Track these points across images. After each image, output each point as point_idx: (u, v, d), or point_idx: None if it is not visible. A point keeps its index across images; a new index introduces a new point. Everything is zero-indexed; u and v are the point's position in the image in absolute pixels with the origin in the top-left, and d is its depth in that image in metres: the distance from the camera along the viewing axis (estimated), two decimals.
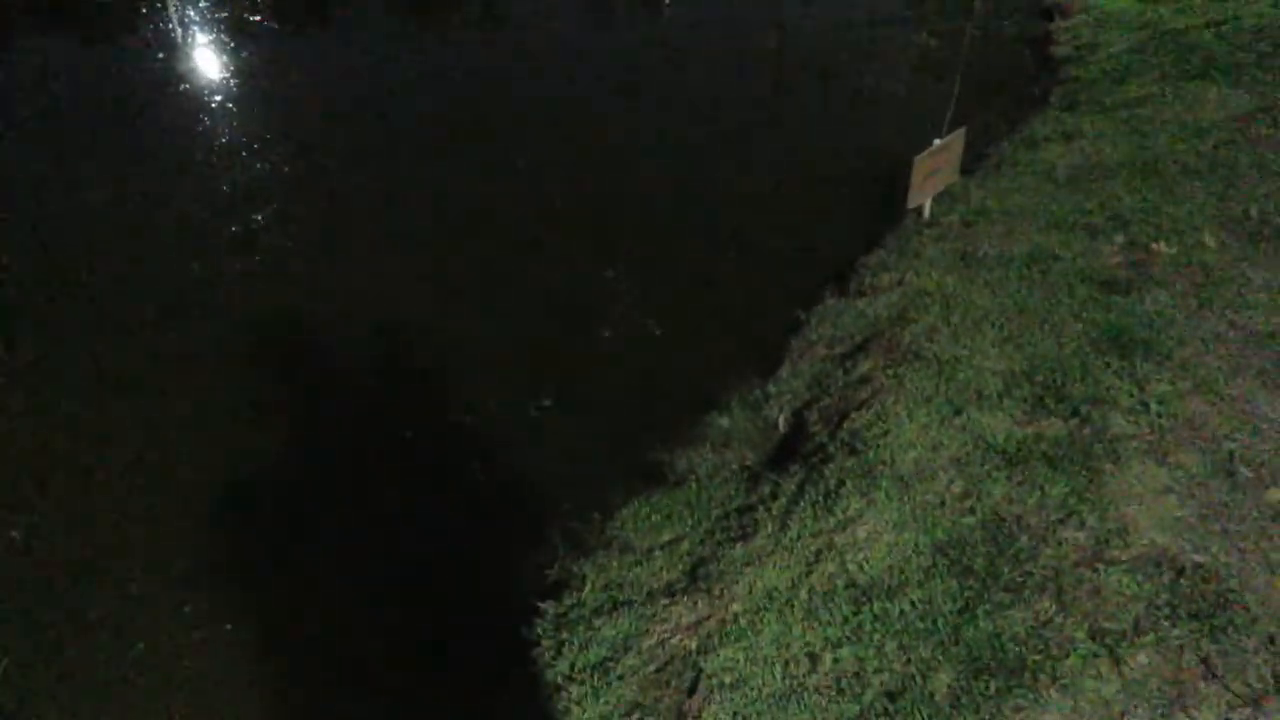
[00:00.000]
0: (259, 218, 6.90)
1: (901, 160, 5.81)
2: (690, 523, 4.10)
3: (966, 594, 3.19)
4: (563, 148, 8.00)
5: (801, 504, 3.80)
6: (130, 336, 5.67)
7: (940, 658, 3.01)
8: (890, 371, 4.49)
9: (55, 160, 7.72)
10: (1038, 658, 2.94)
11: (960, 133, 6.05)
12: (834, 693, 2.98)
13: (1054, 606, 3.09)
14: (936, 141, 5.88)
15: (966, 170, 6.65)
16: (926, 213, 6.24)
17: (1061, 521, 3.39)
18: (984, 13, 10.59)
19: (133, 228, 6.78)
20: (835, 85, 9.14)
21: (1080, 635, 2.98)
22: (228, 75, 9.52)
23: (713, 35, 10.68)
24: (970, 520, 3.47)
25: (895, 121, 8.16)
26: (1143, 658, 2.89)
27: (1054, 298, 4.75)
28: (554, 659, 3.50)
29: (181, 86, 9.18)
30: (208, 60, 9.90)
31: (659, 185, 7.37)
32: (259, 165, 7.64)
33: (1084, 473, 3.56)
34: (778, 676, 3.08)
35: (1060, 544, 3.30)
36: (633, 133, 8.23)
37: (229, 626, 3.94)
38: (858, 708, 2.92)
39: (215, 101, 8.80)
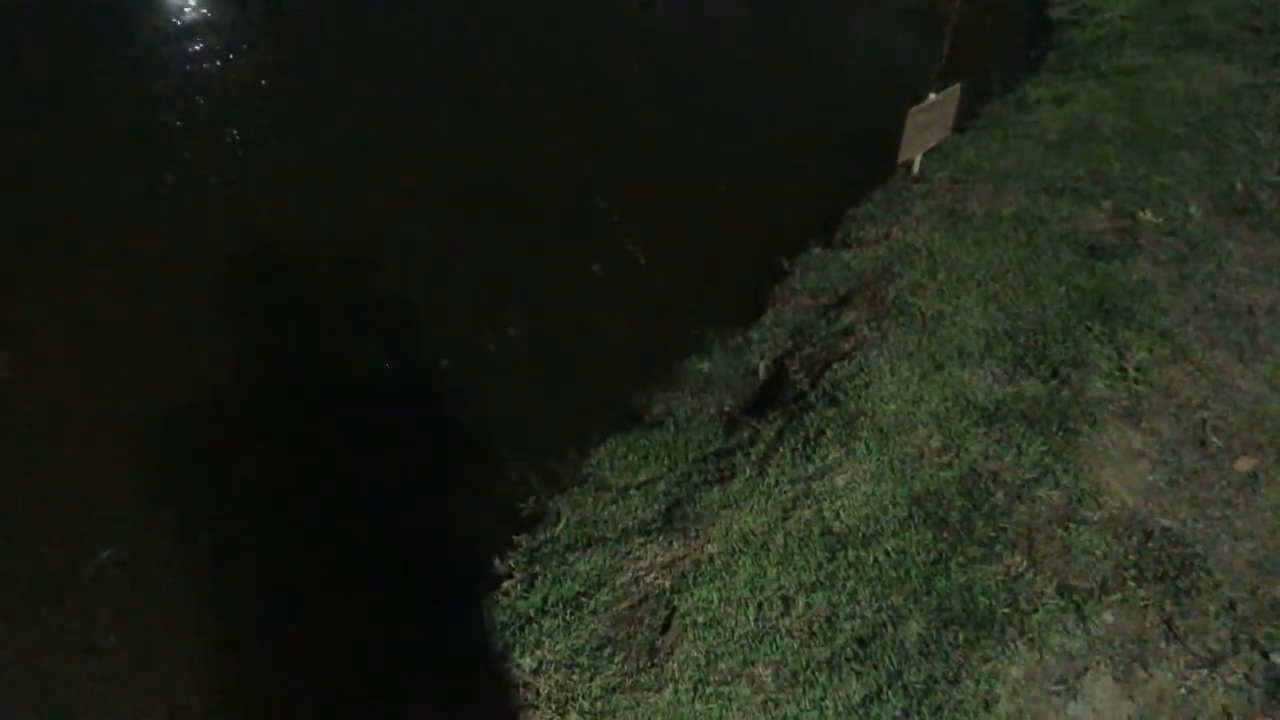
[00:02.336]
0: (234, 132, 6.65)
1: (891, 116, 5.73)
2: (667, 464, 4.09)
3: (940, 546, 3.24)
4: (554, 94, 7.78)
5: (780, 450, 3.81)
6: (95, 244, 5.48)
7: (912, 607, 3.05)
8: (874, 324, 4.48)
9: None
10: (1007, 610, 3.00)
11: (955, 89, 5.97)
12: (806, 635, 3.02)
13: (1025, 562, 3.14)
14: (931, 96, 5.80)
15: (958, 129, 6.58)
16: (916, 168, 6.19)
17: (1036, 480, 3.43)
18: None
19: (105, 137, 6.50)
20: (829, 37, 8.96)
21: (1049, 591, 3.04)
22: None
23: None
24: (948, 474, 3.50)
25: (885, 76, 8.03)
26: (1108, 615, 2.96)
27: (1039, 260, 4.75)
28: (526, 592, 3.50)
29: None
30: None
31: (644, 133, 7.21)
32: (234, 76, 7.34)
33: (1060, 433, 3.61)
34: (751, 618, 3.11)
35: (1034, 502, 3.35)
36: (620, 81, 8.01)
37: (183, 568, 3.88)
38: (829, 651, 2.97)
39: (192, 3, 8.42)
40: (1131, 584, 3.04)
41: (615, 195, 6.23)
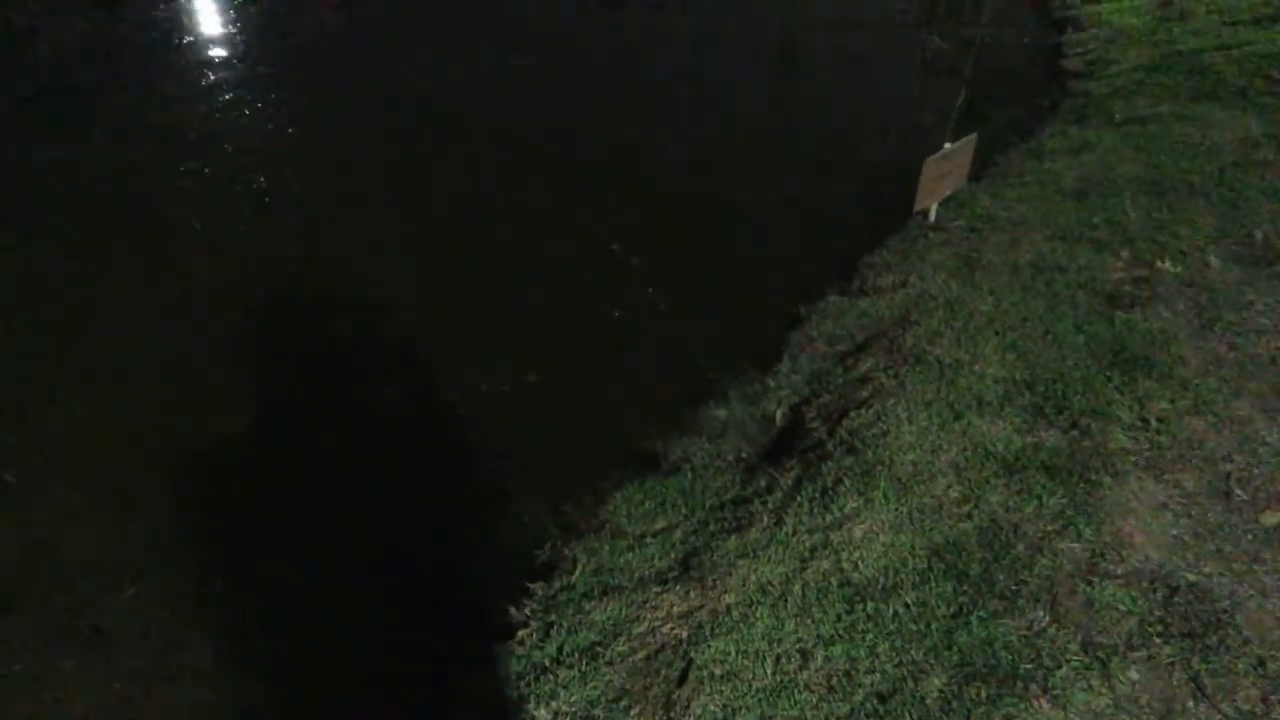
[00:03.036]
0: (261, 178, 6.79)
1: (907, 164, 5.78)
2: (684, 511, 4.07)
3: (961, 599, 3.19)
4: (572, 138, 7.91)
5: (798, 499, 3.79)
6: (120, 284, 5.58)
7: (932, 661, 3.01)
8: (891, 372, 4.47)
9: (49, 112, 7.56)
10: (1029, 666, 2.94)
11: (971, 138, 6.03)
12: (825, 690, 2.97)
13: (1047, 617, 3.09)
14: (947, 145, 5.85)
15: (974, 178, 6.63)
16: (932, 216, 6.22)
17: (1058, 532, 3.39)
18: (995, 20, 10.57)
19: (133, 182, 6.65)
20: (844, 86, 9.09)
21: (1073, 647, 2.99)
22: (231, 28, 9.35)
23: (720, 32, 10.58)
24: (967, 525, 3.47)
25: (901, 125, 8.12)
26: (1134, 673, 2.90)
27: (1057, 309, 4.75)
28: (542, 641, 3.47)
29: (186, 39, 9.01)
30: (211, 14, 9.71)
31: (664, 179, 7.30)
32: (259, 122, 7.52)
33: (1082, 485, 3.57)
34: (768, 671, 3.07)
35: (1056, 554, 3.30)
36: (641, 128, 8.14)
37: (203, 604, 3.89)
38: (848, 707, 2.92)
39: (219, 56, 8.65)
40: (1157, 640, 2.99)
41: (633, 242, 6.30)
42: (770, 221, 6.68)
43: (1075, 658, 2.95)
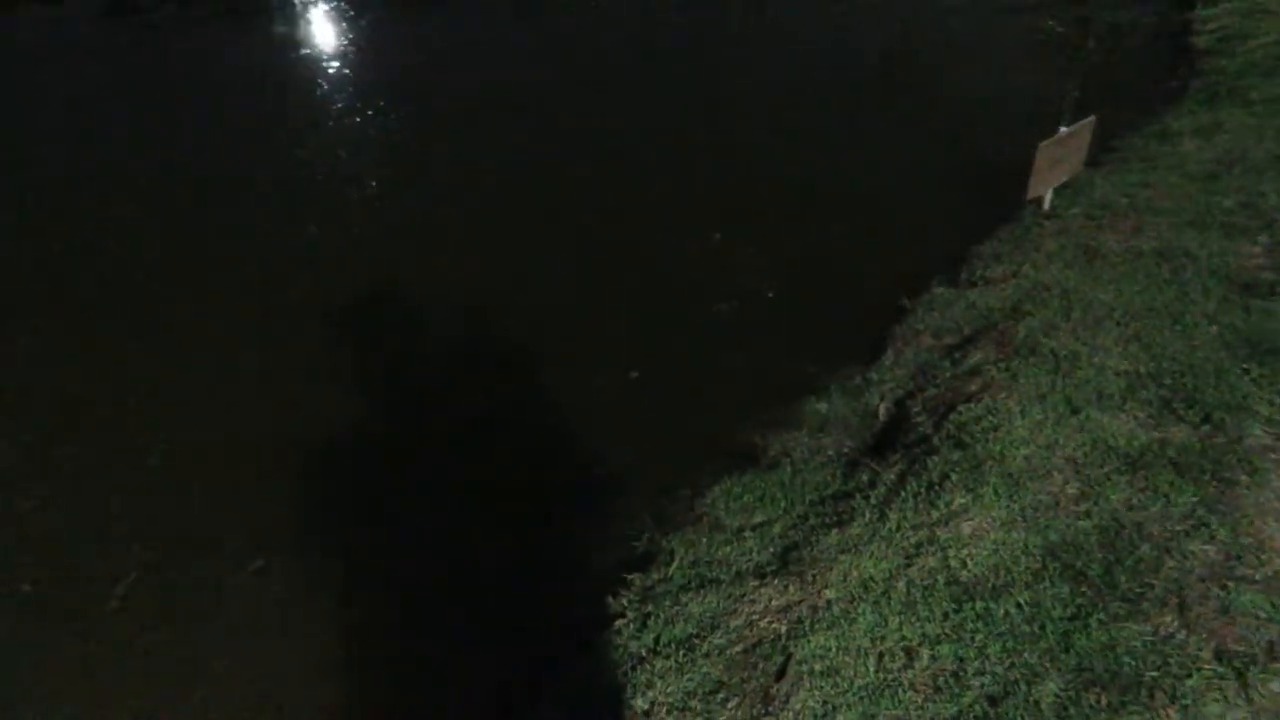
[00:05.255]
0: (373, 183, 7.03)
1: (1020, 150, 5.53)
2: (783, 505, 3.99)
3: (1078, 601, 3.02)
4: (675, 124, 7.91)
5: (902, 494, 3.66)
6: (234, 288, 5.87)
7: (1048, 665, 2.85)
8: (1002, 365, 4.28)
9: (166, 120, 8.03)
10: (1155, 674, 2.75)
11: (1089, 121, 5.73)
12: (931, 691, 2.86)
13: (1176, 622, 2.89)
14: (1063, 129, 5.57)
15: (1092, 163, 6.30)
16: (1047, 204, 5.93)
17: (1188, 533, 3.17)
18: None
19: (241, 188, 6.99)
20: (956, 70, 8.77)
21: (1205, 655, 2.78)
22: (345, 44, 9.73)
23: (831, 13, 10.38)
24: (1086, 524, 3.28)
25: (1016, 110, 7.77)
26: (1274, 685, 2.67)
27: (1186, 298, 4.45)
28: (639, 631, 3.46)
29: (301, 52, 9.43)
30: (326, 30, 10.12)
31: (769, 164, 7.22)
32: (371, 132, 7.80)
33: (1215, 483, 3.32)
34: (871, 669, 2.97)
35: (1186, 556, 3.08)
36: (744, 114, 8.07)
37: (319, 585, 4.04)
38: (955, 709, 2.79)
39: (333, 69, 9.02)
40: None
41: (735, 233, 6.25)
42: (876, 211, 6.51)
43: (1207, 666, 2.74)
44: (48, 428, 4.90)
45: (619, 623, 3.56)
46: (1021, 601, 3.06)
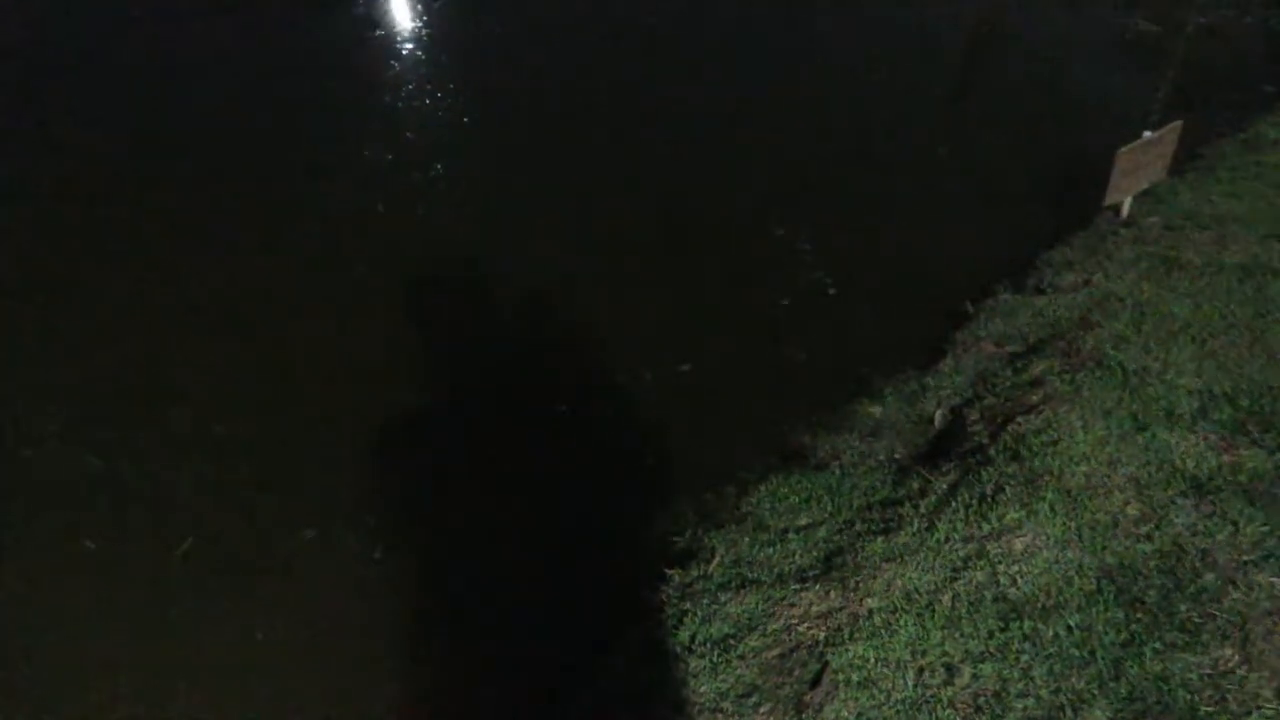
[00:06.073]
0: (439, 166, 7.09)
1: (1101, 156, 5.32)
2: (830, 509, 3.92)
3: (1133, 627, 2.89)
4: (743, 110, 7.82)
5: (953, 505, 3.56)
6: (293, 265, 5.99)
7: (1095, 691, 2.74)
8: (1067, 377, 4.13)
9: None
10: (1212, 709, 2.63)
11: (1175, 127, 5.48)
12: (970, 710, 2.77)
13: (1237, 656, 2.75)
14: (1146, 134, 5.35)
15: (1176, 170, 6.03)
16: (1125, 212, 5.71)
17: (1255, 563, 3.01)
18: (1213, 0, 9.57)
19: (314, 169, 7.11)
20: (1037, 67, 8.48)
21: (1266, 693, 2.64)
22: (418, 23, 9.82)
23: (910, 8, 10.13)
24: (1146, 547, 3.14)
25: (1100, 113, 7.49)
26: None
27: (1269, 315, 4.23)
28: (675, 627, 3.43)
29: (378, 32, 9.55)
30: (402, 10, 10.23)
31: (836, 157, 7.09)
32: (441, 113, 7.87)
33: None
34: (909, 683, 2.89)
35: (1251, 588, 2.93)
36: (810, 104, 7.94)
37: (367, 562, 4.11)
38: None
39: (408, 49, 9.12)
40: None
41: (798, 226, 6.16)
42: (945, 213, 6.35)
43: (1269, 705, 2.61)
44: (121, 390, 5.02)
45: (656, 618, 3.54)
46: (1072, 624, 2.95)
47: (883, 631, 3.08)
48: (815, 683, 2.97)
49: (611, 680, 3.42)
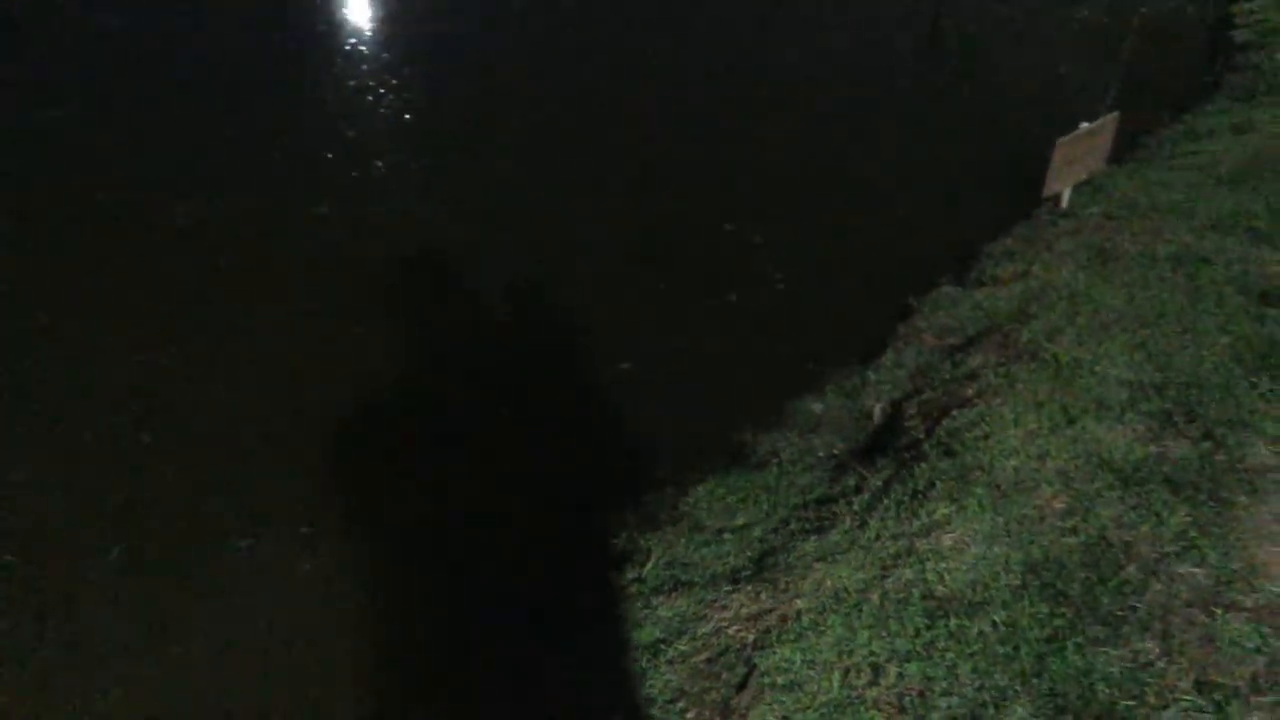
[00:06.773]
0: (380, 163, 6.97)
1: (1042, 146, 5.35)
2: (766, 508, 3.90)
3: (1056, 622, 2.89)
4: (699, 107, 7.78)
5: (885, 502, 3.55)
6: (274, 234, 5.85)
7: (1019, 688, 2.73)
8: (1001, 370, 4.14)
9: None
10: (1131, 703, 2.62)
11: (1113, 117, 5.53)
12: (894, 710, 2.75)
13: (1157, 649, 2.75)
14: (1084, 125, 5.38)
15: (1116, 160, 6.08)
16: (1064, 202, 5.74)
17: (1178, 555, 3.02)
18: None
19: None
20: (983, 61, 8.53)
21: (1185, 685, 2.64)
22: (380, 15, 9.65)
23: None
24: (1071, 541, 3.14)
25: (1044, 103, 7.55)
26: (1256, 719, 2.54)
27: (1199, 305, 4.27)
28: (607, 634, 3.38)
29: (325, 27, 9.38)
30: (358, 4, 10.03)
31: (787, 153, 7.07)
32: (384, 110, 7.74)
33: (1211, 503, 3.17)
34: (835, 684, 2.87)
35: (1173, 580, 2.94)
36: (762, 102, 7.91)
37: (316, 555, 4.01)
38: None
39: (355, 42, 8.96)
40: None
41: (747, 222, 6.15)
42: (891, 203, 6.36)
43: (1187, 698, 2.61)
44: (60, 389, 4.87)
45: (589, 625, 3.49)
46: (997, 620, 2.94)
47: (810, 632, 3.05)
48: (742, 686, 2.94)
49: (535, 691, 3.36)
